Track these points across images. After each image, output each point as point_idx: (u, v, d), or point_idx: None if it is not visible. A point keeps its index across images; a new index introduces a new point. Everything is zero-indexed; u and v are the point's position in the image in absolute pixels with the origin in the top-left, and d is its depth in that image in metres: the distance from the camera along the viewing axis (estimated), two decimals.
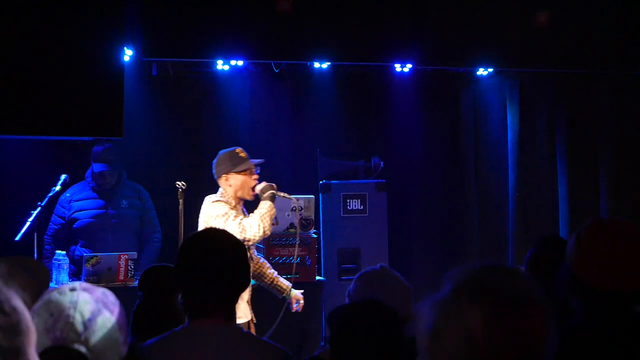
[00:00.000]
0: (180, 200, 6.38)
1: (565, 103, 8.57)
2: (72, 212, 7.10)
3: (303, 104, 8.18)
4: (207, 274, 3.00)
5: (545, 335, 1.85)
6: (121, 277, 6.46)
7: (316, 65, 7.90)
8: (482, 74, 8.35)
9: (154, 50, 7.31)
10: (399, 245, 7.88)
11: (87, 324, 2.07)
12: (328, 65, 7.91)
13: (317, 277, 7.07)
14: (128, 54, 7.15)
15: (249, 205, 6.11)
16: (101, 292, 2.16)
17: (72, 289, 2.14)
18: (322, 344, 6.76)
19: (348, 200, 7.53)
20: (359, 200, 7.55)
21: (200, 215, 5.97)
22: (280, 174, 8.04)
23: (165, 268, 3.85)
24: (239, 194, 5.98)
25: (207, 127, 7.99)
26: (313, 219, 7.03)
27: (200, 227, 5.95)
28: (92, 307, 2.10)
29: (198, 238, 3.12)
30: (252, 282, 6.05)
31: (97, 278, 6.38)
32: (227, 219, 5.78)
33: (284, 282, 6.20)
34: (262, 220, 5.81)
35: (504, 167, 8.44)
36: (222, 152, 6.09)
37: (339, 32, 7.50)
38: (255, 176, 6.05)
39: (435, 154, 8.39)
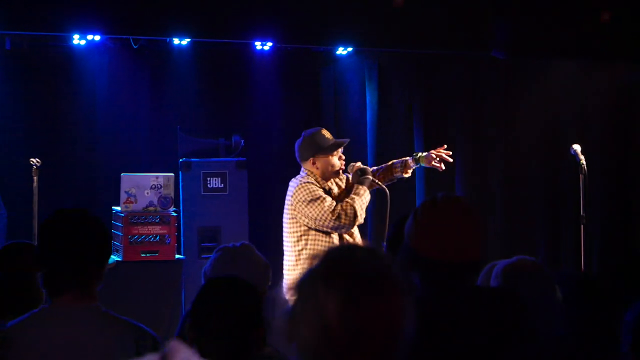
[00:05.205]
0: (35, 178, 6.24)
1: (422, 83, 8.75)
2: None
3: (163, 81, 8.09)
4: (60, 252, 2.99)
5: (404, 318, 1.80)
6: None
7: (176, 41, 7.81)
8: (341, 54, 8.44)
9: (8, 23, 7.08)
10: (259, 223, 7.90)
11: None
12: (188, 41, 7.84)
13: (177, 256, 7.04)
14: None
15: None
16: None
17: None
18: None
19: (208, 179, 7.51)
20: (219, 179, 7.53)
21: (287, 199, 5.83)
22: (140, 151, 7.94)
23: (23, 245, 3.77)
24: (326, 175, 5.86)
25: (64, 103, 7.81)
26: (173, 197, 6.98)
27: (286, 212, 5.83)
28: None
29: (56, 216, 3.09)
30: None
31: None
32: (320, 204, 5.65)
33: (399, 161, 6.14)
34: (359, 208, 5.69)
35: (363, 147, 8.56)
36: (306, 133, 5.99)
37: (199, 8, 7.43)
38: (342, 157, 5.94)
39: (296, 133, 8.39)
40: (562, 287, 3.49)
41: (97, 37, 7.55)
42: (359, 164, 6.02)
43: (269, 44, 8.01)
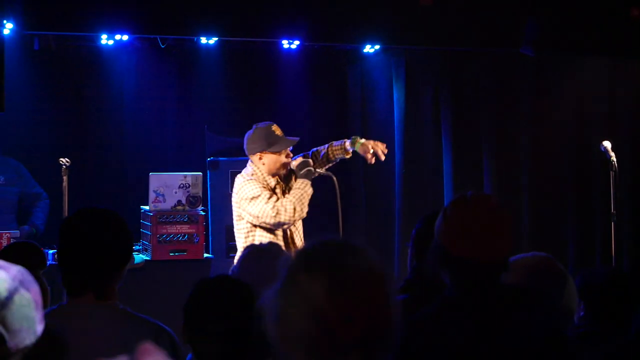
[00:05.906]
0: (64, 177, 6.26)
1: (449, 80, 8.72)
2: None
3: (190, 80, 8.12)
4: (78, 251, 3.01)
5: (390, 305, 1.86)
6: None
7: (203, 40, 7.82)
8: (368, 51, 8.42)
9: (35, 24, 7.13)
10: None
11: (4, 302, 1.98)
12: (215, 41, 7.85)
13: (205, 255, 7.05)
14: (8, 27, 6.96)
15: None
16: (17, 270, 2.07)
17: None
18: None
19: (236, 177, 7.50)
20: None
21: (233, 196, 5.89)
22: (167, 150, 7.97)
23: (27, 245, 3.79)
24: (273, 172, 5.91)
25: (92, 102, 7.86)
26: (201, 195, 6.99)
27: (234, 209, 5.88)
28: (9, 285, 2.00)
29: (76, 216, 3.10)
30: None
31: None
32: (260, 201, 5.69)
33: (337, 142, 6.20)
34: (298, 203, 5.74)
35: (391, 144, 8.53)
36: (257, 127, 6.02)
37: (226, 8, 7.44)
38: (290, 154, 5.99)
39: (323, 131, 8.42)
40: (588, 283, 3.47)
41: (125, 37, 7.58)
42: (299, 158, 6.07)
43: (296, 42, 8.00)
